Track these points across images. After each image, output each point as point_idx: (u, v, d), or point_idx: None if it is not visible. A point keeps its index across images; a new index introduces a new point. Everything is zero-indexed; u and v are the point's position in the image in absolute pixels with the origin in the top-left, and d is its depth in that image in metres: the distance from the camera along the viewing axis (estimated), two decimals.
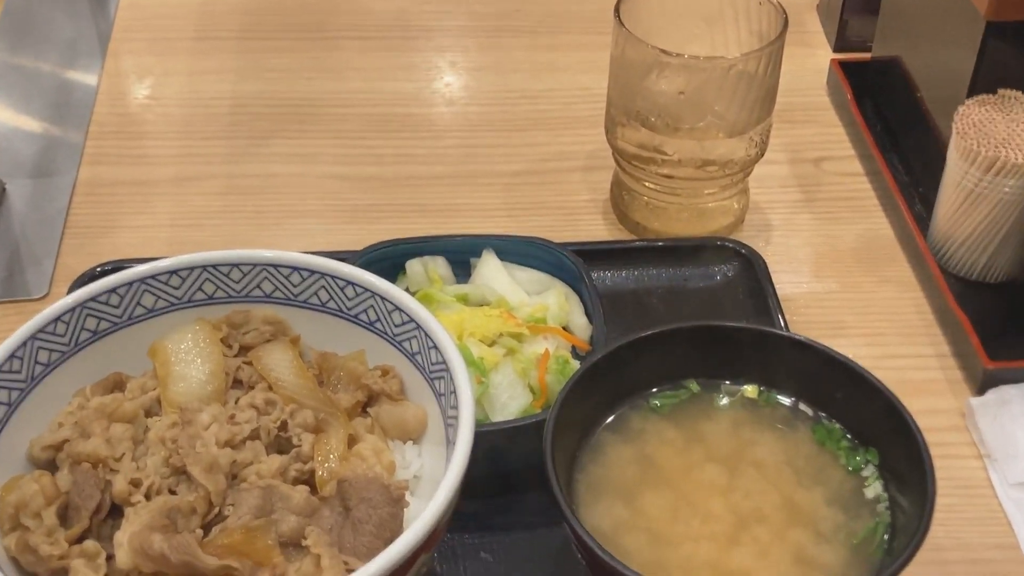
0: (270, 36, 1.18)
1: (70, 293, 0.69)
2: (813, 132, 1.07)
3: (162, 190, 1.01)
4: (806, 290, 0.91)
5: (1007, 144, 0.84)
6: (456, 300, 0.82)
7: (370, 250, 0.84)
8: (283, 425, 0.66)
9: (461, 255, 0.86)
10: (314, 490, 0.64)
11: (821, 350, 0.69)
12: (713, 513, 0.65)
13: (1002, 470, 0.78)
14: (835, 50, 1.16)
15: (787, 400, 0.71)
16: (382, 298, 0.70)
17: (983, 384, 0.83)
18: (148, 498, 0.62)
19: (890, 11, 1.06)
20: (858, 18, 1.14)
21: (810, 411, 0.70)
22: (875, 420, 0.67)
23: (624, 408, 0.71)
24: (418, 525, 0.57)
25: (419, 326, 0.69)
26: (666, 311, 0.88)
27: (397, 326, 0.70)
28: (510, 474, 0.76)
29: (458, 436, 0.62)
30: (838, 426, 0.70)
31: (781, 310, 0.85)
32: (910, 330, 0.89)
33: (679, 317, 0.82)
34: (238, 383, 0.70)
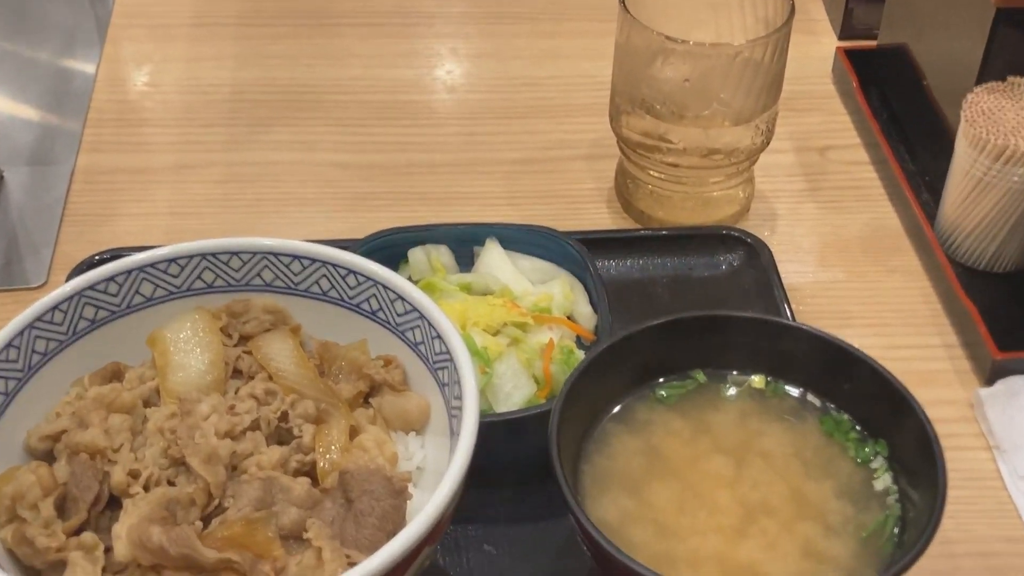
0: (270, 23, 1.17)
1: (68, 282, 0.68)
2: (818, 121, 1.06)
3: (161, 178, 1.00)
4: (812, 280, 0.91)
5: (1017, 132, 0.83)
6: (459, 289, 0.82)
7: (372, 238, 0.83)
8: (284, 416, 0.65)
9: (464, 243, 0.85)
10: (315, 482, 0.63)
11: (829, 340, 0.69)
12: (720, 505, 0.65)
13: (1011, 461, 0.77)
14: (840, 38, 1.15)
15: (795, 391, 0.70)
16: (384, 287, 0.69)
17: (991, 375, 0.82)
18: (147, 490, 0.61)
19: None
20: (864, 5, 1.13)
21: (818, 402, 0.70)
22: (884, 411, 0.67)
23: (630, 399, 0.70)
24: (422, 518, 0.56)
25: (422, 315, 0.68)
26: (671, 301, 0.87)
27: (400, 315, 0.69)
28: (514, 465, 0.75)
29: (462, 427, 0.61)
30: (847, 417, 0.69)
31: (787, 300, 0.84)
32: (917, 320, 0.88)
33: (684, 307, 0.80)
34: (238, 373, 0.69)
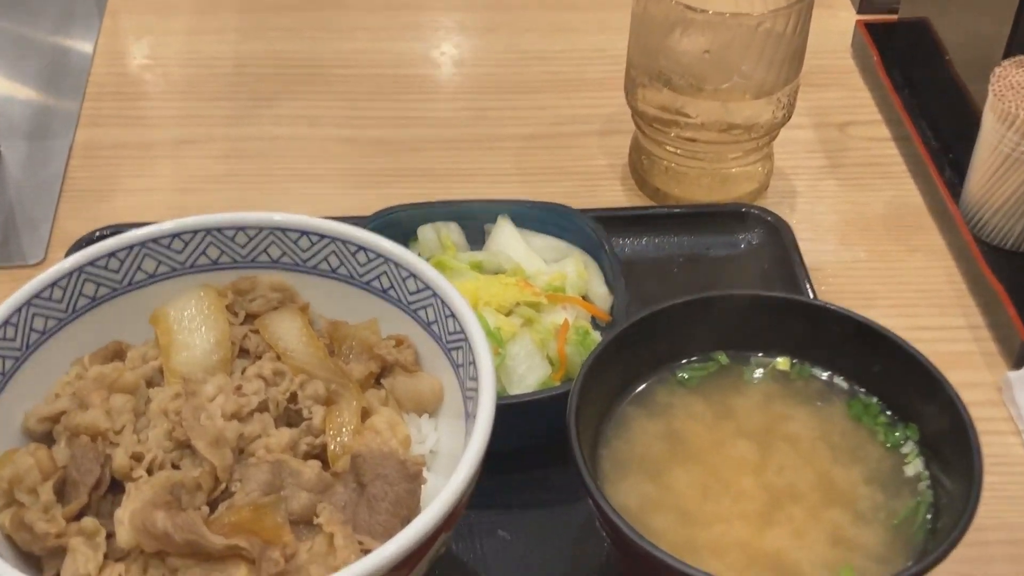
0: None
1: (67, 257, 0.66)
2: (838, 96, 1.03)
3: (162, 153, 0.98)
4: (833, 259, 0.88)
5: None
6: (470, 268, 0.80)
7: (380, 215, 0.81)
8: (293, 397, 0.63)
9: (475, 221, 0.83)
10: (326, 465, 0.61)
11: (858, 320, 0.66)
12: (745, 491, 0.63)
13: None
14: (859, 11, 1.12)
15: (821, 373, 0.68)
16: (396, 264, 0.67)
17: (1020, 357, 0.80)
18: (150, 473, 0.59)
19: None
20: None
21: (845, 384, 0.67)
22: (915, 394, 0.64)
23: (650, 381, 0.68)
24: (438, 503, 0.54)
25: (435, 293, 0.65)
26: (687, 280, 0.85)
27: (412, 293, 0.67)
28: (527, 449, 0.73)
29: (479, 409, 0.59)
30: (875, 400, 0.66)
31: (809, 279, 0.81)
32: (942, 301, 0.86)
33: (701, 287, 0.78)
34: (244, 352, 0.67)
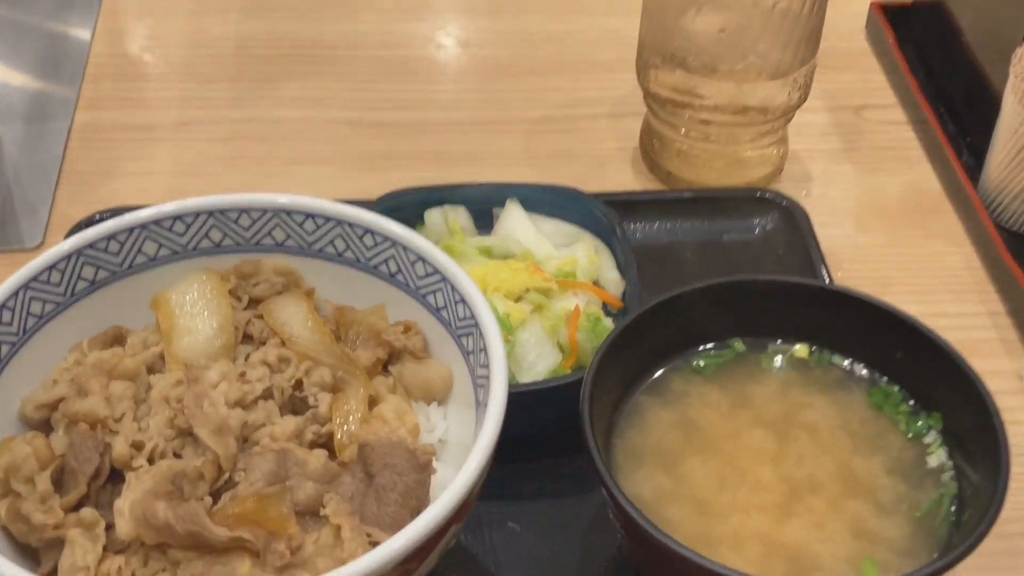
0: None
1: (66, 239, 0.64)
2: (852, 78, 1.02)
3: (163, 135, 0.96)
4: (849, 244, 0.87)
5: None
6: (479, 253, 0.78)
7: (386, 199, 0.79)
8: (298, 384, 0.62)
9: (483, 205, 0.81)
10: (333, 454, 0.60)
11: (879, 306, 0.65)
12: (763, 482, 0.61)
13: None
14: None
15: (841, 360, 0.66)
16: (404, 247, 0.65)
17: None
18: (151, 462, 0.58)
19: None
20: None
21: (866, 372, 0.66)
22: (938, 382, 0.63)
23: (664, 369, 0.66)
24: (449, 494, 0.52)
25: (444, 278, 0.64)
26: (701, 266, 0.83)
27: (420, 278, 0.65)
28: (537, 439, 0.71)
29: (490, 397, 0.57)
30: (897, 388, 0.65)
31: (825, 265, 0.80)
32: (960, 287, 0.84)
33: (715, 272, 0.77)
34: (248, 338, 0.65)
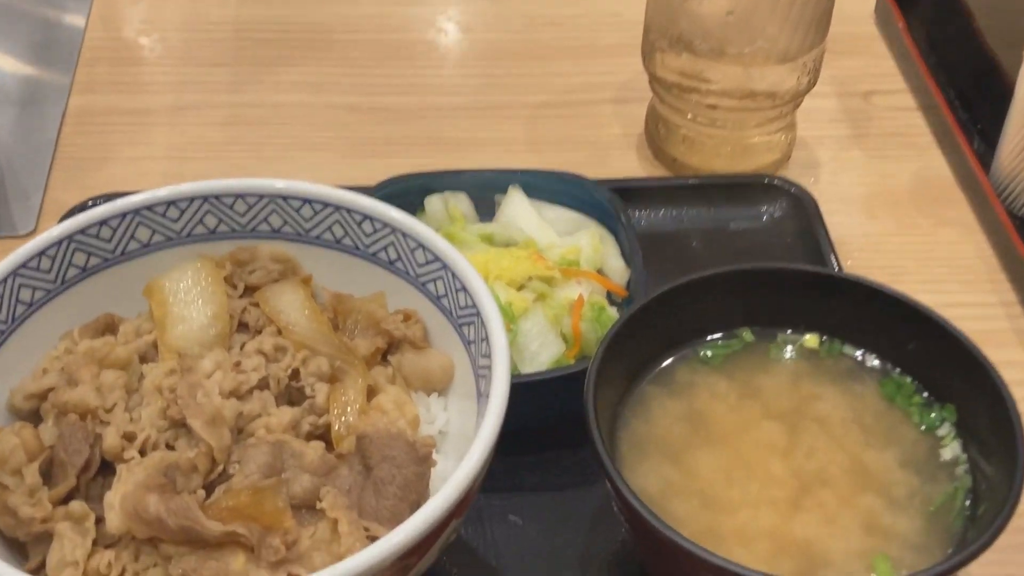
0: None
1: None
2: (861, 64, 1.00)
3: (159, 120, 0.94)
4: (859, 232, 0.85)
5: None
6: (480, 240, 0.76)
7: (386, 185, 0.78)
8: (295, 374, 0.60)
9: (485, 191, 0.80)
10: (330, 446, 0.58)
11: (891, 295, 0.63)
12: (772, 475, 0.59)
13: None
14: None
15: (852, 351, 0.65)
16: (404, 234, 0.63)
17: None
18: (143, 454, 0.56)
19: None
20: None
21: (878, 363, 0.64)
22: (952, 373, 0.61)
23: (670, 359, 0.65)
24: (450, 488, 0.51)
25: (445, 266, 0.62)
26: (707, 254, 0.81)
27: (420, 265, 0.63)
28: (539, 431, 0.70)
29: (492, 388, 0.56)
30: (910, 380, 0.63)
31: (835, 253, 0.78)
32: (972, 276, 0.82)
33: (721, 261, 0.76)
34: (243, 327, 0.64)
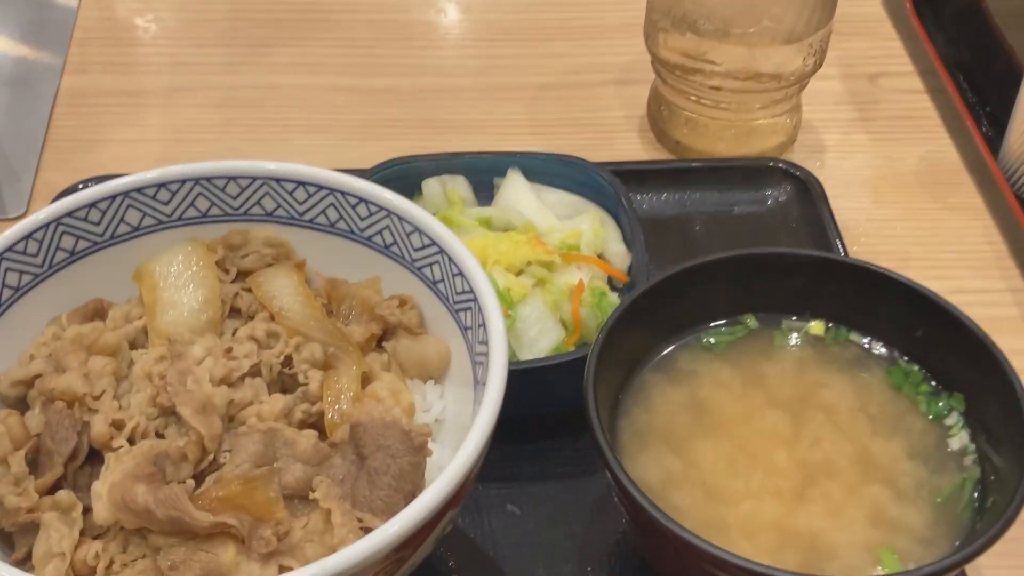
0: None
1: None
2: (867, 46, 0.98)
3: (153, 101, 0.93)
4: (865, 217, 0.84)
5: None
6: (478, 224, 0.75)
7: (382, 167, 0.76)
8: (287, 360, 0.59)
9: (484, 174, 0.78)
10: (323, 435, 0.57)
11: (899, 281, 0.62)
12: (776, 466, 0.58)
13: None
14: None
15: (858, 338, 0.63)
16: (400, 218, 0.62)
17: None
18: (132, 442, 0.55)
19: None
20: None
21: (885, 351, 0.63)
22: (961, 362, 0.60)
23: (673, 346, 0.63)
24: (445, 478, 0.50)
25: (442, 250, 0.61)
26: (710, 239, 0.80)
27: (416, 250, 0.62)
28: (540, 419, 0.69)
29: (489, 375, 0.55)
30: (917, 368, 0.62)
31: (841, 238, 0.77)
32: (980, 262, 0.81)
33: (725, 245, 0.75)
34: (236, 312, 0.63)
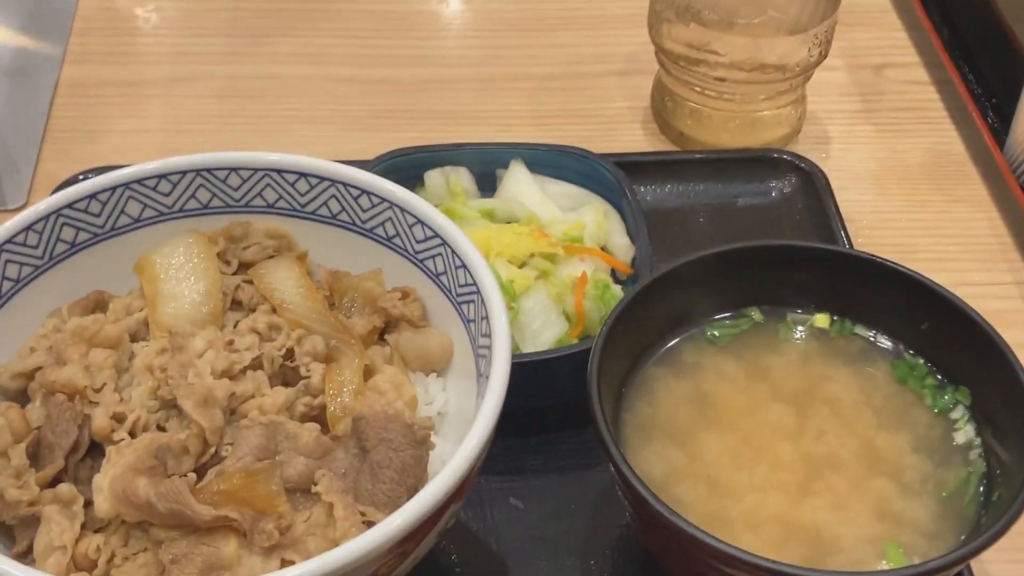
0: None
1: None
2: (872, 36, 0.98)
3: (153, 92, 0.93)
4: (870, 209, 0.83)
5: None
6: (481, 216, 0.75)
7: (384, 158, 0.76)
8: (289, 353, 0.59)
9: (486, 165, 0.78)
10: (325, 428, 0.57)
11: (904, 273, 0.61)
12: (781, 459, 0.58)
13: None
14: None
15: (863, 331, 0.63)
16: (402, 209, 0.62)
17: None
18: (133, 435, 0.55)
19: None
20: None
21: (890, 344, 0.63)
22: (967, 355, 0.60)
23: (677, 339, 0.63)
24: (448, 472, 0.50)
25: (445, 242, 0.60)
26: (714, 231, 0.80)
27: (419, 242, 0.62)
28: (543, 412, 0.68)
29: (492, 368, 0.54)
30: (922, 361, 0.61)
31: (845, 231, 0.76)
32: (986, 255, 0.81)
33: (729, 238, 0.74)
34: (237, 304, 0.62)
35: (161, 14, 1.00)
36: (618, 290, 0.71)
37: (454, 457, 0.50)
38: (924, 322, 0.61)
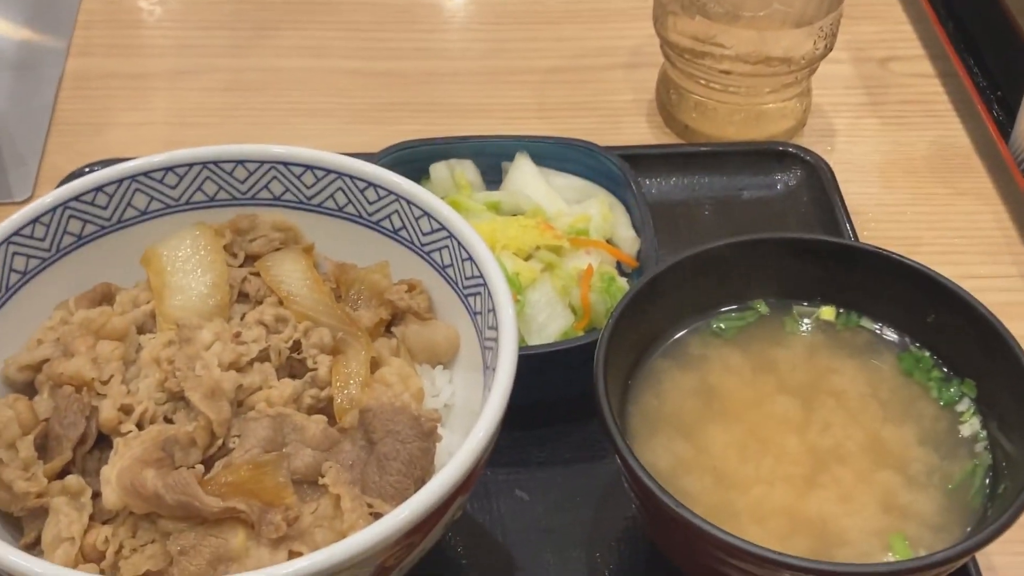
0: None
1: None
2: (877, 29, 0.98)
3: (158, 84, 0.93)
4: (875, 202, 0.83)
5: None
6: (486, 208, 0.75)
7: (390, 151, 0.76)
8: (296, 345, 0.59)
9: (492, 158, 0.78)
10: (332, 420, 0.57)
11: (910, 266, 0.61)
12: (787, 452, 0.58)
13: None
14: None
15: (869, 323, 0.63)
16: (408, 202, 0.62)
17: None
18: (140, 427, 0.55)
19: None
20: None
21: (896, 336, 0.62)
22: (972, 347, 0.60)
23: (683, 332, 0.63)
24: (455, 464, 0.50)
25: (451, 234, 0.60)
26: (720, 224, 0.80)
27: (425, 234, 0.62)
28: (549, 404, 0.68)
29: (499, 360, 0.54)
30: (928, 354, 0.61)
31: (851, 223, 0.76)
32: (991, 248, 0.81)
33: (734, 230, 0.74)
34: (244, 297, 0.62)
35: (165, 7, 1.00)
36: (624, 283, 0.71)
37: (461, 449, 0.50)
38: (930, 315, 0.61)
